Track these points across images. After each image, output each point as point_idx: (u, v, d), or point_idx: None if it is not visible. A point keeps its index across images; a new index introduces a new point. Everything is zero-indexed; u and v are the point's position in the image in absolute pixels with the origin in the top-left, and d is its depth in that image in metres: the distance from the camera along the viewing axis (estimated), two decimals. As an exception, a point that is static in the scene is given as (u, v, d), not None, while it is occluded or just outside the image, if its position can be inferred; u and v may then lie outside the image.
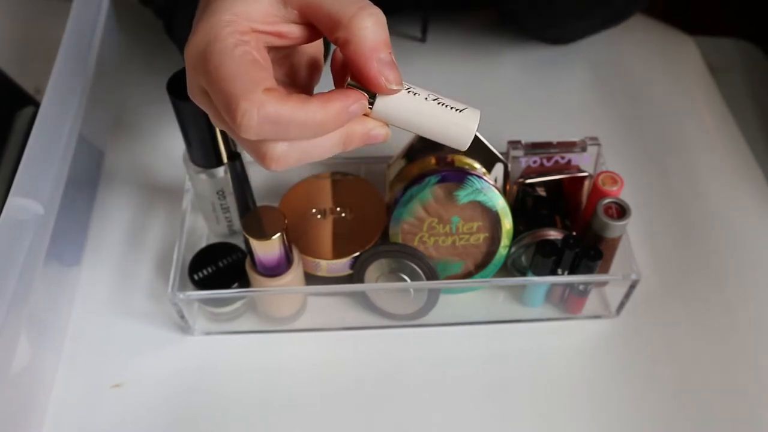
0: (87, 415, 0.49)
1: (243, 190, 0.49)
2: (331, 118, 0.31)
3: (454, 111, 0.34)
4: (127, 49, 0.72)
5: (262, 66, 0.32)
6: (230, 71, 0.31)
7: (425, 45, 0.72)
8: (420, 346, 0.53)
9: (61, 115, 0.48)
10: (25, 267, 0.42)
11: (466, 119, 0.34)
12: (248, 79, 0.30)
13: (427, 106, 0.34)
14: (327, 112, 0.31)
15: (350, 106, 0.32)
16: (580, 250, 0.49)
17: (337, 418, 0.49)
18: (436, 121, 0.34)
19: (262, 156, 0.32)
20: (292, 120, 0.31)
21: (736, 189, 0.62)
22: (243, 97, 0.30)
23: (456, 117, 0.34)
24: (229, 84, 0.30)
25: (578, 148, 0.53)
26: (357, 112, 0.33)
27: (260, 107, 0.30)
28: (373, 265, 0.52)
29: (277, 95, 0.30)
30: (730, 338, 0.52)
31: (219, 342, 0.53)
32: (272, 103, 0.30)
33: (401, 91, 0.33)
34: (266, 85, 0.31)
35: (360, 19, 0.31)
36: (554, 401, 0.50)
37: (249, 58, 0.32)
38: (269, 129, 0.31)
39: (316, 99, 0.31)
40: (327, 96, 0.32)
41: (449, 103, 0.34)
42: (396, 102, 0.33)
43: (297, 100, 0.31)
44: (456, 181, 0.49)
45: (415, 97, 0.34)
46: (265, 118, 0.30)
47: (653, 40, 0.75)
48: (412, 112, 0.34)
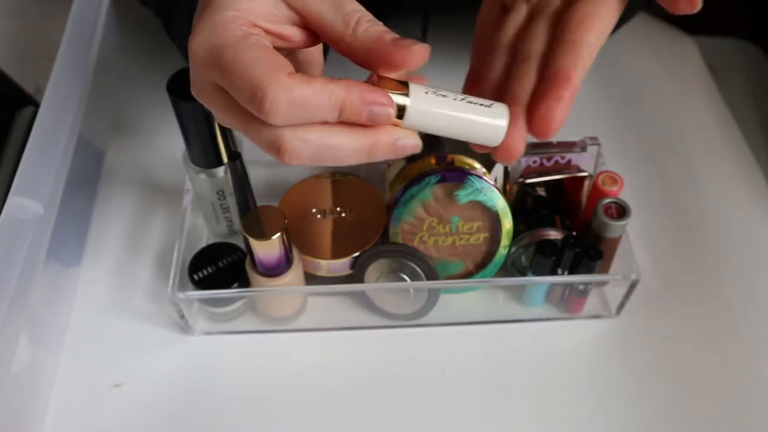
0: (87, 415, 0.49)
1: (243, 190, 0.49)
2: (350, 100, 0.31)
3: (483, 107, 0.33)
4: (127, 49, 0.72)
5: (277, 53, 0.32)
6: (249, 60, 0.31)
7: None
8: (420, 346, 0.53)
9: (61, 115, 0.48)
10: (25, 267, 0.42)
11: (496, 116, 0.33)
12: (269, 64, 0.30)
13: (458, 106, 0.33)
14: (349, 94, 0.31)
15: (374, 105, 0.31)
16: (580, 250, 0.49)
17: (337, 418, 0.49)
18: (467, 122, 0.33)
19: (277, 148, 0.32)
20: (316, 101, 0.30)
21: (736, 189, 0.62)
22: (268, 82, 0.30)
23: (486, 114, 0.33)
24: (251, 72, 0.30)
25: (578, 148, 0.53)
26: (380, 115, 0.32)
27: (287, 91, 0.30)
28: (373, 265, 0.52)
29: (301, 78, 0.30)
30: (730, 338, 0.52)
31: (219, 342, 0.53)
32: (299, 85, 0.30)
33: (431, 95, 0.33)
34: (289, 70, 0.31)
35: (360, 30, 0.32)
36: (554, 401, 0.50)
37: (263, 45, 0.32)
38: (296, 113, 0.31)
39: (342, 81, 0.31)
40: (353, 81, 0.31)
41: (476, 100, 0.33)
42: (427, 107, 0.33)
43: (320, 82, 0.31)
44: (456, 181, 0.49)
45: (444, 99, 0.33)
46: (292, 102, 0.30)
47: (653, 40, 0.75)
48: (443, 116, 0.33)
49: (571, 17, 0.37)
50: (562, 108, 0.35)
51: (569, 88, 0.35)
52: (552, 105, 0.35)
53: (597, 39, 0.36)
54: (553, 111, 0.35)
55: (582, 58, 0.36)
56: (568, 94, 0.35)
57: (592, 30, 0.36)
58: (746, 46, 0.87)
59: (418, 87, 0.33)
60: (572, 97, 0.35)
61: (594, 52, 0.36)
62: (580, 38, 0.36)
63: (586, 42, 0.36)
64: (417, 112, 0.33)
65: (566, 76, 0.35)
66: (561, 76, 0.35)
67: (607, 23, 0.37)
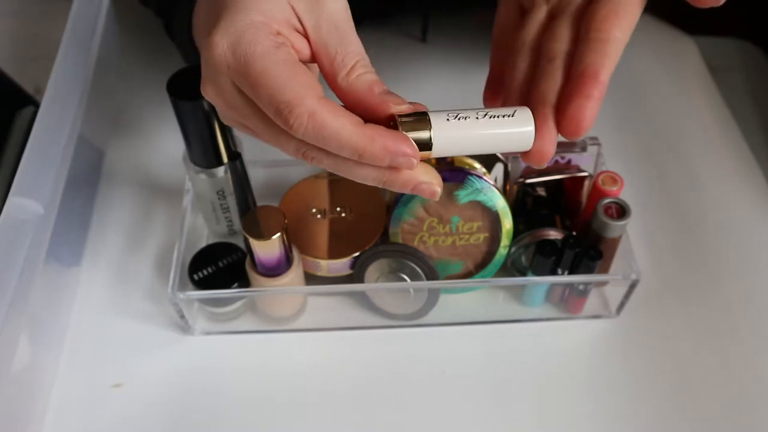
0: (87, 415, 0.49)
1: (243, 190, 0.49)
2: (371, 150, 0.31)
3: (507, 118, 0.33)
4: (127, 49, 0.72)
5: (307, 70, 0.32)
6: (279, 76, 0.31)
7: (426, 45, 0.72)
8: (420, 346, 0.53)
9: (61, 115, 0.48)
10: (25, 267, 0.42)
11: (522, 124, 0.33)
12: (299, 83, 0.31)
13: (482, 125, 0.33)
14: (372, 143, 0.31)
15: (396, 156, 0.32)
16: (580, 250, 0.49)
17: (337, 418, 0.49)
18: (495, 138, 0.33)
19: (300, 155, 0.33)
20: (336, 136, 0.31)
21: (736, 189, 0.62)
22: (296, 102, 0.31)
23: (512, 125, 0.33)
24: (280, 89, 0.31)
25: (578, 148, 0.53)
26: (402, 164, 0.32)
27: (312, 116, 0.31)
28: (373, 265, 0.52)
29: (329, 107, 0.31)
30: (730, 338, 0.52)
31: (219, 342, 0.53)
32: (324, 113, 0.31)
33: (452, 121, 0.33)
34: (319, 92, 0.31)
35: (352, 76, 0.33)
36: (554, 401, 0.50)
37: (293, 60, 0.32)
38: (316, 138, 0.31)
39: (368, 128, 0.31)
40: (379, 130, 0.32)
41: (497, 111, 0.33)
42: (451, 134, 0.33)
43: (347, 119, 0.31)
44: (456, 181, 0.49)
45: (467, 122, 0.33)
46: (314, 127, 0.31)
47: (653, 41, 0.75)
48: (469, 138, 0.33)
49: (595, 14, 0.36)
50: (591, 106, 0.35)
51: (598, 86, 0.35)
52: (582, 103, 0.34)
53: (623, 35, 0.36)
54: (583, 110, 0.34)
55: (609, 55, 0.35)
56: (597, 93, 0.35)
57: (617, 26, 0.36)
58: (746, 46, 0.87)
59: (438, 116, 0.33)
60: (601, 95, 0.35)
61: (620, 48, 0.36)
62: (606, 35, 0.36)
63: (612, 39, 0.36)
64: (443, 142, 0.33)
65: (594, 74, 0.35)
66: (589, 74, 0.35)
67: (632, 18, 0.37)
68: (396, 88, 0.34)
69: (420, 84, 0.69)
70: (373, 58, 0.34)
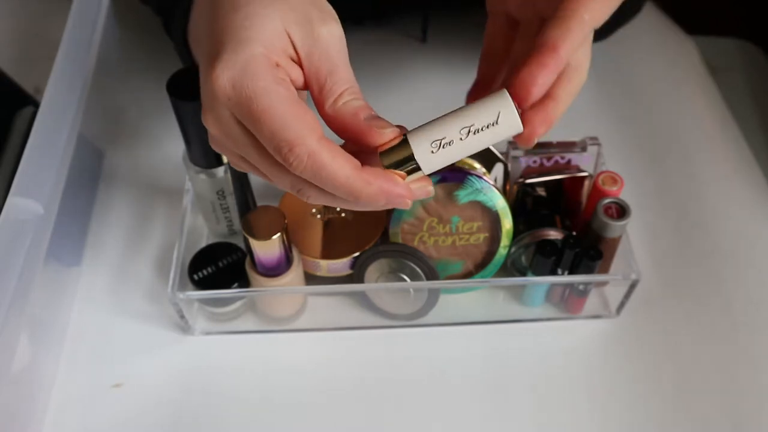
0: (87, 415, 0.49)
1: (243, 190, 0.49)
2: (369, 195, 0.33)
3: (493, 128, 0.33)
4: (127, 49, 0.72)
5: (308, 109, 0.33)
6: (281, 114, 0.32)
7: (426, 45, 0.72)
8: (420, 346, 0.53)
9: (61, 115, 0.48)
10: (25, 267, 0.42)
11: (504, 116, 0.33)
12: (302, 123, 0.32)
13: (467, 144, 0.33)
14: (368, 187, 0.32)
15: (392, 198, 0.33)
16: (580, 250, 0.49)
17: (337, 418, 0.49)
18: (483, 145, 0.34)
19: (295, 192, 0.35)
20: (332, 176, 0.32)
21: (736, 189, 0.62)
22: (297, 143, 0.31)
23: (497, 127, 0.33)
24: (282, 129, 0.32)
25: (578, 148, 0.53)
26: (398, 205, 0.34)
27: (311, 155, 0.31)
28: (373, 265, 0.52)
29: (329, 147, 0.32)
30: (730, 338, 0.52)
31: (219, 342, 0.53)
32: (323, 154, 0.32)
33: (437, 150, 0.33)
34: (320, 133, 0.32)
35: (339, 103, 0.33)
36: (554, 401, 0.50)
37: (294, 98, 0.32)
38: (310, 174, 0.32)
39: (365, 171, 0.32)
40: (375, 173, 0.33)
41: (480, 122, 0.33)
42: (439, 161, 0.34)
43: (345, 160, 0.32)
44: (456, 181, 0.49)
45: (452, 146, 0.33)
46: (312, 165, 0.32)
47: (653, 41, 0.75)
48: (458, 155, 0.34)
49: None
50: (544, 75, 0.34)
51: (555, 57, 0.34)
52: (534, 70, 0.34)
53: (591, 17, 0.35)
54: (534, 77, 0.34)
55: (571, 31, 0.35)
56: (553, 63, 0.34)
57: (585, 6, 0.35)
58: (746, 46, 0.87)
59: (421, 144, 0.33)
60: (557, 68, 0.34)
61: (586, 30, 0.35)
62: (571, 13, 0.35)
63: (578, 17, 0.35)
64: (431, 167, 0.34)
65: (553, 46, 0.34)
66: (549, 45, 0.34)
67: (605, 5, 0.36)
68: (396, 88, 0.34)
69: (420, 84, 0.68)
70: (373, 58, 0.34)
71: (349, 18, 0.35)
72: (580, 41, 0.35)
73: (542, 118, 0.36)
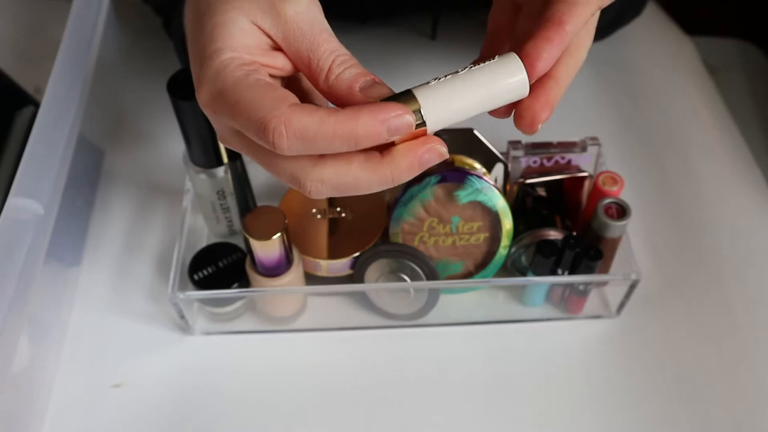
0: (87, 415, 0.49)
1: (243, 190, 0.49)
2: (362, 128, 0.30)
3: (492, 64, 0.32)
4: (127, 49, 0.72)
5: (279, 86, 0.32)
6: (249, 98, 0.31)
7: (435, 43, 0.72)
8: (420, 346, 0.53)
9: (61, 115, 0.48)
10: (25, 267, 0.42)
11: (509, 66, 0.32)
12: (270, 98, 0.30)
13: (469, 79, 0.32)
14: (357, 122, 0.30)
15: (388, 118, 0.30)
16: (580, 250, 0.49)
17: (337, 418, 0.49)
18: (487, 90, 0.32)
19: (298, 186, 0.33)
20: (320, 132, 0.30)
21: (735, 189, 0.62)
22: (270, 116, 0.30)
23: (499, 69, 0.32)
24: (253, 110, 0.30)
25: (578, 148, 0.53)
26: (401, 127, 0.31)
27: (287, 122, 0.30)
28: (373, 265, 0.52)
29: (303, 108, 0.30)
30: (730, 338, 0.52)
31: (219, 342, 0.53)
32: (299, 116, 0.30)
33: (437, 84, 0.31)
34: (290, 101, 0.31)
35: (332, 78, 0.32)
36: (554, 401, 0.50)
37: (263, 82, 0.32)
38: (303, 144, 0.30)
39: (347, 109, 0.30)
40: (360, 106, 0.31)
41: (481, 65, 0.32)
42: (443, 101, 0.31)
43: (325, 111, 0.30)
44: (456, 181, 0.49)
45: (452, 79, 0.31)
46: (295, 133, 0.30)
47: (653, 41, 0.75)
48: (462, 99, 0.31)
49: None
50: (549, 49, 0.33)
51: (560, 32, 0.33)
52: (539, 44, 0.33)
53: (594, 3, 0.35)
54: (540, 50, 0.33)
55: (578, 7, 0.34)
56: (558, 38, 0.33)
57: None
58: (746, 46, 0.87)
59: (422, 87, 0.32)
60: (562, 44, 0.34)
61: (592, 7, 0.35)
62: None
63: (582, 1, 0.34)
64: (434, 111, 0.31)
65: (559, 20, 0.33)
66: (555, 20, 0.34)
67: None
68: (405, 86, 0.33)
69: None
70: (382, 55, 0.34)
71: (355, 17, 0.35)
72: (586, 19, 0.34)
73: (544, 101, 0.35)
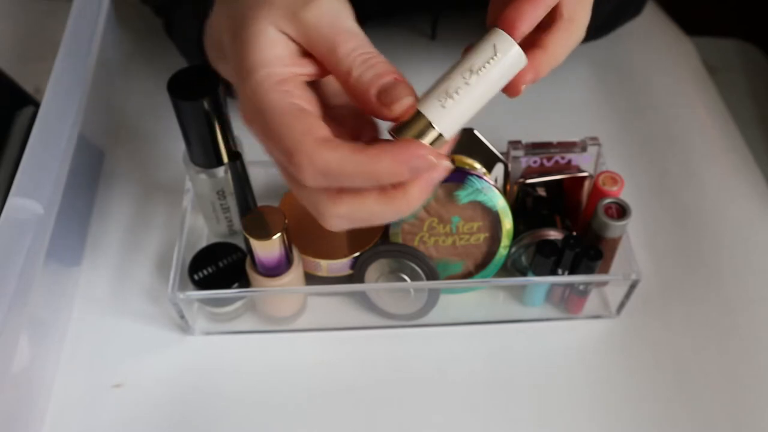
0: (87, 415, 0.49)
1: (243, 190, 0.49)
2: (384, 170, 0.31)
3: (493, 61, 0.32)
4: (127, 49, 0.72)
5: (308, 113, 0.32)
6: (281, 125, 0.32)
7: (435, 42, 0.72)
8: (420, 346, 0.53)
9: (61, 115, 0.48)
10: (25, 267, 0.42)
11: (505, 49, 0.32)
12: (298, 130, 0.31)
13: (477, 87, 0.32)
14: (379, 165, 0.31)
15: (409, 161, 0.31)
16: (580, 250, 0.49)
17: (337, 418, 0.49)
18: (495, 84, 0.32)
19: (318, 218, 0.34)
20: (342, 170, 0.31)
21: (735, 189, 0.62)
22: (294, 149, 0.31)
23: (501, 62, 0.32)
24: (282, 139, 0.31)
25: (578, 148, 0.53)
26: (423, 167, 0.31)
27: (311, 158, 0.31)
28: (374, 265, 0.52)
29: (327, 144, 0.31)
30: (730, 338, 0.52)
31: (219, 342, 0.53)
32: (322, 152, 0.31)
33: (448, 103, 0.32)
34: (316, 135, 0.31)
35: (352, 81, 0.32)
36: (554, 401, 0.50)
37: (296, 108, 0.32)
38: (325, 179, 0.31)
39: (370, 150, 0.31)
40: (382, 145, 0.31)
41: (480, 60, 0.32)
42: (457, 115, 0.32)
43: (348, 149, 0.31)
44: (456, 181, 0.49)
45: (461, 94, 0.32)
46: (316, 169, 0.31)
47: (653, 40, 0.75)
48: (474, 103, 0.32)
49: None
50: (528, 10, 0.33)
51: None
52: (519, 5, 0.33)
53: None
54: (520, 11, 0.33)
55: None
56: (541, 1, 0.33)
57: None
58: (746, 46, 0.87)
59: (431, 105, 0.32)
60: (545, 8, 0.34)
61: None
62: None
63: None
64: (450, 126, 0.32)
65: None
66: None
67: None
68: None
69: (429, 81, 0.68)
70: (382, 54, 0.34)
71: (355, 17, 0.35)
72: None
73: (528, 66, 0.35)
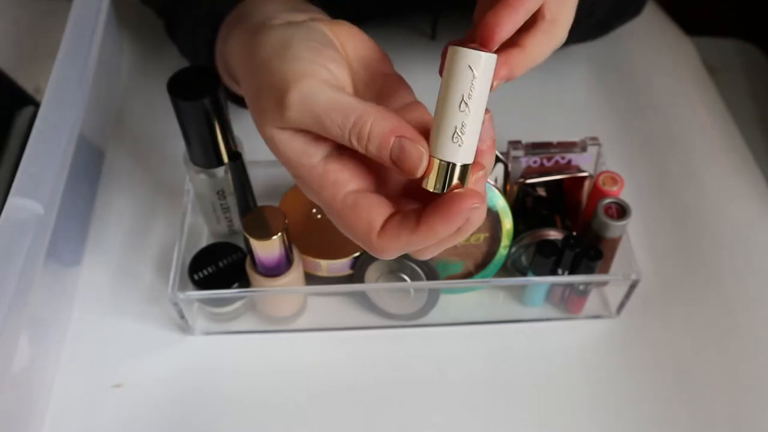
0: (87, 415, 0.49)
1: (243, 190, 0.49)
2: (443, 234, 0.32)
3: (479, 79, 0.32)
4: (127, 49, 0.72)
5: (360, 206, 0.34)
6: (345, 225, 0.34)
7: (435, 42, 0.72)
8: (420, 346, 0.53)
9: (61, 115, 0.48)
10: (25, 267, 0.41)
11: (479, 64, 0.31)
12: (360, 231, 0.34)
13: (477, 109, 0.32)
14: (437, 235, 0.32)
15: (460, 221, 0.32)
16: (580, 250, 0.49)
17: (337, 418, 0.49)
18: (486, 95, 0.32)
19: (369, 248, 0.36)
20: (410, 248, 0.34)
21: (735, 189, 0.62)
22: (365, 244, 0.34)
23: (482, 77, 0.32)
24: (351, 234, 0.34)
25: (578, 148, 0.53)
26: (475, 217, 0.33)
27: (381, 250, 0.34)
28: (374, 265, 0.52)
29: (388, 236, 0.33)
30: (730, 338, 0.52)
31: (219, 342, 0.53)
32: (387, 244, 0.33)
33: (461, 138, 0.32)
34: (376, 229, 0.33)
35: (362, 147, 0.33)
36: (554, 401, 0.50)
37: (348, 205, 0.34)
38: (396, 255, 0.34)
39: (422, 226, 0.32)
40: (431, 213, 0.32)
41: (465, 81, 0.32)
42: (471, 143, 0.32)
43: (408, 232, 0.33)
44: (456, 181, 0.49)
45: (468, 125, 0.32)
46: (388, 255, 0.34)
47: (653, 40, 0.75)
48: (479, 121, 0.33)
49: None
50: (508, 15, 0.33)
51: (523, 1, 0.33)
52: (498, 10, 0.33)
53: None
54: (498, 17, 0.33)
55: None
56: (521, 6, 0.33)
57: None
58: (746, 46, 0.87)
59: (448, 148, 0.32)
60: (525, 13, 0.34)
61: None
62: None
63: None
64: (471, 155, 0.33)
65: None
66: None
67: None
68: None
69: (428, 81, 0.68)
70: None
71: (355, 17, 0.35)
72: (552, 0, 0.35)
73: (503, 60, 0.35)
